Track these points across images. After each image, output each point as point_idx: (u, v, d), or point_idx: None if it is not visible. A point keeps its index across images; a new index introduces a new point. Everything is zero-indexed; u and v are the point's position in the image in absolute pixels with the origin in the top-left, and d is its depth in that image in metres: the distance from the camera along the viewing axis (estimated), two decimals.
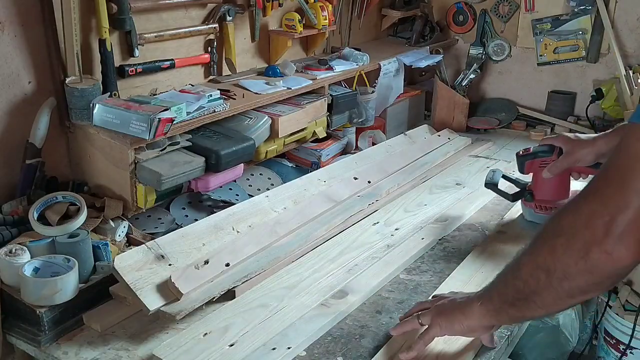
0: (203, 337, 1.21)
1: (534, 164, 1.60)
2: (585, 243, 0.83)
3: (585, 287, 0.88)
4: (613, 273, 0.84)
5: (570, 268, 0.86)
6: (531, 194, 1.62)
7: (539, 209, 1.63)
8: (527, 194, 1.63)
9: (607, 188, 0.82)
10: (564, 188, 1.60)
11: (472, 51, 2.69)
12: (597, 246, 0.82)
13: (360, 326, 1.29)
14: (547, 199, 1.61)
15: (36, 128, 1.47)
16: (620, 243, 0.80)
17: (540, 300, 0.94)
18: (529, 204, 1.66)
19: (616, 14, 2.40)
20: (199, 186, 1.66)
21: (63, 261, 1.27)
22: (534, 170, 1.61)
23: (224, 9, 1.88)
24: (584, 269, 0.84)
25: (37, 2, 1.46)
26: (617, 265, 0.82)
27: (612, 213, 0.80)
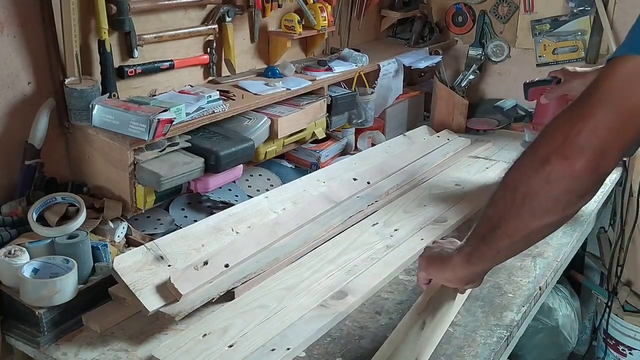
0: (202, 338, 1.21)
1: (537, 91, 1.84)
2: (546, 152, 0.85)
3: (546, 203, 0.88)
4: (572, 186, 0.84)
5: (531, 179, 0.87)
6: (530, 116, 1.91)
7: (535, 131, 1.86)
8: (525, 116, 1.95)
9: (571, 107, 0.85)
10: None
11: (472, 52, 2.69)
12: (556, 153, 0.83)
13: (359, 327, 1.29)
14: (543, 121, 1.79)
15: (35, 129, 1.47)
16: (579, 152, 0.81)
17: (505, 226, 0.95)
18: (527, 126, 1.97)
19: (615, 14, 2.40)
20: (198, 187, 1.66)
21: (62, 262, 1.27)
22: (536, 96, 1.85)
23: (223, 9, 1.88)
24: (543, 179, 0.85)
25: (37, 3, 1.46)
26: (575, 175, 0.83)
27: (573, 121, 0.82)
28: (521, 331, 1.41)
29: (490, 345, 1.24)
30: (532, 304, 1.43)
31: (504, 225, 0.95)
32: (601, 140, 0.81)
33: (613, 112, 0.81)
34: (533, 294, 1.43)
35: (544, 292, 1.50)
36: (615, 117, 0.81)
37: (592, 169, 0.82)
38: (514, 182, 0.91)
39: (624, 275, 2.35)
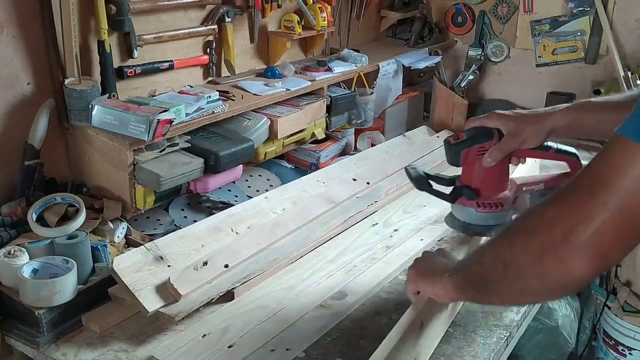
0: (202, 339, 1.21)
1: (471, 152, 1.27)
2: (541, 247, 0.78)
3: (537, 290, 0.84)
4: (565, 283, 0.79)
5: (524, 268, 0.82)
6: (471, 189, 1.29)
7: (482, 207, 1.30)
8: (466, 190, 1.29)
9: (574, 195, 0.76)
10: (505, 178, 1.33)
11: (471, 52, 2.70)
12: (552, 252, 0.77)
13: (359, 327, 1.28)
14: (489, 192, 1.30)
15: (35, 129, 1.47)
16: (577, 255, 0.75)
17: (497, 290, 0.93)
18: (469, 203, 1.31)
19: (615, 15, 2.41)
20: (198, 187, 1.66)
21: (62, 262, 1.27)
22: (470, 160, 1.28)
23: (222, 10, 1.88)
24: (537, 273, 0.80)
25: (36, 4, 1.46)
26: (570, 277, 0.77)
27: (573, 222, 0.74)
28: (521, 331, 1.41)
29: (489, 346, 1.24)
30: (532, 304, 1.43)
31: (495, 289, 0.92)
32: (603, 247, 0.73)
33: (621, 216, 0.72)
34: None
35: None
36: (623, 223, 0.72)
37: (591, 273, 0.77)
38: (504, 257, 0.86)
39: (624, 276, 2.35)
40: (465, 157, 1.27)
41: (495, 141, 1.25)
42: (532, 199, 1.29)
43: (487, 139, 1.25)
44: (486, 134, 1.26)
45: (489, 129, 1.26)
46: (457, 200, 1.32)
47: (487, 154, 1.25)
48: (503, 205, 1.28)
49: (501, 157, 1.25)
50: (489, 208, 1.30)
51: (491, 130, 1.25)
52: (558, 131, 1.21)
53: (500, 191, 1.31)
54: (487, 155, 1.25)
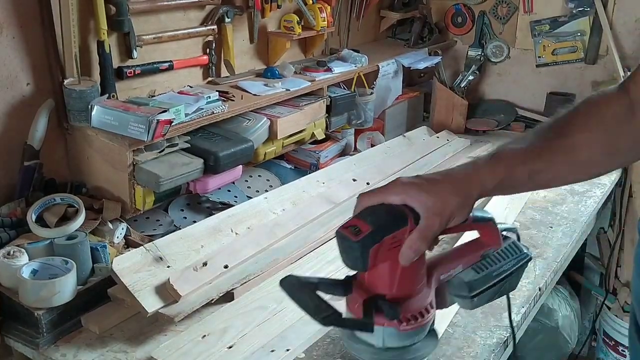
0: (202, 339, 1.21)
1: (382, 247, 0.85)
2: None
3: None
4: None
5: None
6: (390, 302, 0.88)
7: (406, 324, 0.89)
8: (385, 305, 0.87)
9: None
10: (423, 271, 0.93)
11: (471, 53, 2.69)
12: None
13: None
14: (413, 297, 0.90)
15: (34, 130, 1.47)
16: None
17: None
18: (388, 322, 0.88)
19: (614, 15, 2.41)
20: (197, 188, 1.66)
21: (61, 263, 1.27)
22: (382, 258, 0.86)
23: (222, 10, 1.88)
24: None
25: (36, 4, 1.45)
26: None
27: None
28: (521, 332, 1.41)
29: (489, 346, 1.24)
30: (532, 305, 1.43)
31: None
32: None
33: None
34: (533, 294, 1.43)
35: (543, 292, 1.50)
36: None
37: None
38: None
39: (624, 276, 2.35)
40: (375, 256, 0.85)
41: (412, 226, 0.86)
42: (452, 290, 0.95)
43: (400, 225, 0.86)
44: (397, 218, 0.87)
45: (397, 208, 0.87)
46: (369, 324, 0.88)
47: (407, 247, 0.86)
48: (429, 311, 0.91)
49: (426, 247, 0.88)
50: (415, 321, 0.89)
51: (400, 210, 0.87)
52: (485, 196, 0.93)
53: (421, 291, 0.92)
54: (406, 247, 0.86)
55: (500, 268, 0.97)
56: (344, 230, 0.87)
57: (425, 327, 0.92)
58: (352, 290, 0.90)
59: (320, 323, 0.83)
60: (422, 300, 0.91)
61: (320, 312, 0.84)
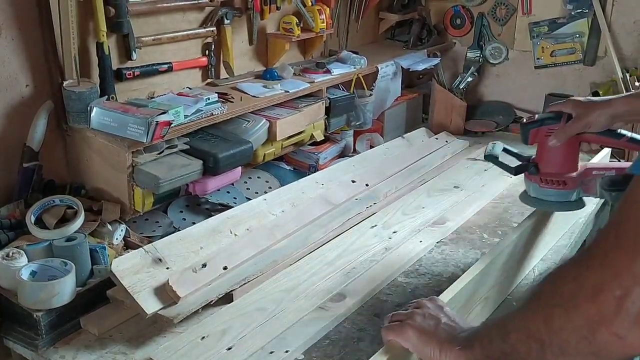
0: (201, 341, 1.21)
1: (540, 132, 1.38)
2: (589, 321, 0.67)
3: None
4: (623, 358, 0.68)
5: (570, 346, 0.71)
6: (536, 166, 1.41)
7: (544, 183, 1.41)
8: (532, 166, 1.41)
9: (617, 254, 0.66)
10: (572, 159, 1.42)
11: (470, 54, 2.70)
12: (606, 327, 0.66)
13: (358, 329, 1.28)
14: (554, 171, 1.40)
15: (34, 131, 1.47)
16: (636, 325, 0.64)
17: None
18: (533, 178, 1.43)
19: (613, 17, 2.41)
20: (196, 189, 1.66)
21: (60, 265, 1.27)
22: (540, 139, 1.40)
23: (221, 12, 1.88)
24: (588, 351, 0.69)
25: (35, 5, 1.46)
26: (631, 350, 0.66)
27: (626, 287, 0.64)
28: None
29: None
30: None
31: None
32: None
33: None
34: None
35: None
36: None
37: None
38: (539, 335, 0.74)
39: None
40: (535, 136, 1.39)
41: (563, 124, 1.34)
42: (601, 183, 1.33)
43: (555, 122, 1.36)
44: (556, 117, 1.36)
45: (561, 113, 1.35)
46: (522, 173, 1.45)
47: (552, 136, 1.35)
48: (566, 184, 1.37)
49: (564, 139, 1.33)
50: (551, 184, 1.40)
51: (561, 114, 1.35)
52: (620, 117, 1.29)
53: (566, 171, 1.39)
54: (552, 136, 1.35)
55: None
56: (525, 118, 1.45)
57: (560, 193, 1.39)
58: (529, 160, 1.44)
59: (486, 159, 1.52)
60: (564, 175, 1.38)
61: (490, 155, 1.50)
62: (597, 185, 1.36)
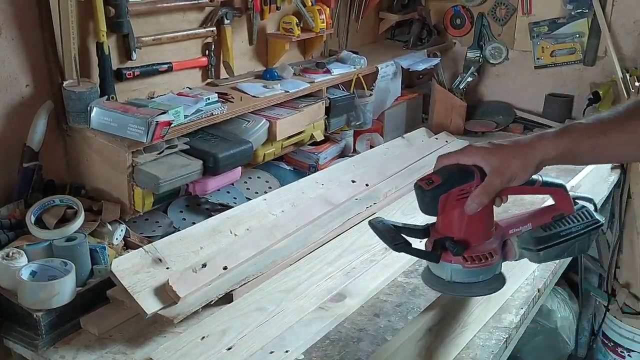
0: (201, 341, 1.21)
1: (450, 197, 1.04)
2: None
3: None
4: None
5: None
6: (456, 242, 1.05)
7: (470, 262, 1.07)
8: (450, 243, 1.05)
9: None
10: (490, 222, 1.11)
11: (470, 54, 2.70)
12: None
13: (358, 329, 1.28)
14: (475, 242, 1.07)
15: (33, 131, 1.47)
16: None
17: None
18: (454, 259, 1.07)
19: (613, 17, 2.41)
20: (196, 189, 1.66)
21: (60, 265, 1.27)
22: (450, 206, 1.04)
23: (221, 12, 1.88)
24: None
25: (35, 6, 1.45)
26: None
27: None
28: (520, 333, 1.41)
29: (488, 347, 1.24)
30: (531, 306, 1.43)
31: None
32: None
33: None
34: (532, 296, 1.43)
35: (542, 294, 1.50)
36: None
37: None
38: None
39: (623, 277, 2.36)
40: (444, 203, 1.04)
41: (477, 181, 1.02)
42: (521, 243, 1.11)
43: (468, 180, 1.03)
44: (465, 174, 1.04)
45: (467, 167, 1.04)
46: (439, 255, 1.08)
47: (471, 199, 1.03)
48: (493, 256, 1.08)
49: (488, 200, 1.03)
50: (478, 262, 1.07)
51: (470, 168, 1.03)
52: (548, 162, 1.03)
53: (487, 239, 1.09)
54: (470, 199, 1.03)
55: (569, 229, 1.10)
56: (420, 182, 1.05)
57: (487, 269, 1.08)
58: (430, 234, 1.09)
59: (393, 249, 1.06)
60: (486, 245, 1.08)
61: (394, 241, 1.06)
62: (515, 246, 1.12)
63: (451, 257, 1.07)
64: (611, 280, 2.39)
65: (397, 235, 1.07)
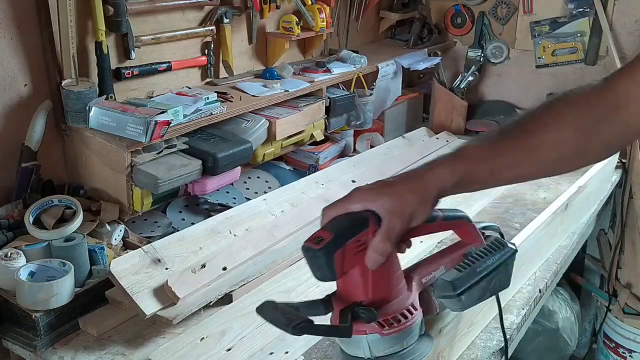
0: (200, 342, 1.21)
1: (347, 253, 0.86)
2: None
3: None
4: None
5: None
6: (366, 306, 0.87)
7: (388, 327, 0.87)
8: (360, 309, 0.86)
9: None
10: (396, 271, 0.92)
11: (471, 53, 2.69)
12: None
13: None
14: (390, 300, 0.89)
15: (32, 131, 1.46)
16: None
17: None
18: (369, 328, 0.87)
19: (614, 16, 2.40)
20: (196, 189, 1.65)
21: (59, 265, 1.27)
22: (348, 264, 0.87)
23: (221, 11, 1.87)
24: None
25: (33, 5, 1.45)
26: None
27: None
28: (521, 334, 1.41)
29: (489, 348, 1.23)
30: (532, 307, 1.43)
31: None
32: None
33: None
34: (533, 296, 1.43)
35: (543, 294, 1.50)
36: None
37: None
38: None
39: (624, 278, 2.35)
40: (341, 262, 0.86)
41: (374, 228, 0.87)
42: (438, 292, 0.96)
43: (362, 228, 0.87)
44: (358, 222, 0.88)
45: (359, 214, 0.89)
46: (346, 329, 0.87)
47: (371, 249, 0.86)
48: (412, 313, 0.90)
49: (390, 248, 0.87)
50: (398, 324, 0.88)
51: (362, 215, 0.88)
52: (446, 192, 0.91)
53: (400, 294, 0.91)
54: (370, 250, 0.86)
55: (484, 264, 0.96)
56: (307, 242, 0.87)
57: (410, 331, 0.89)
58: (333, 306, 0.89)
59: (292, 333, 0.83)
60: (401, 303, 0.90)
61: (291, 322, 0.83)
62: (433, 297, 0.97)
63: (364, 326, 0.87)
64: (613, 280, 2.38)
65: (294, 314, 0.86)
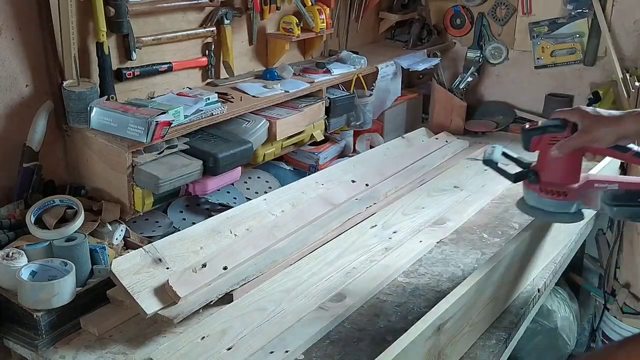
0: (201, 341, 1.21)
1: (542, 140, 1.31)
2: None
3: None
4: None
5: None
6: (536, 174, 1.34)
7: (544, 193, 1.34)
8: (531, 174, 1.34)
9: None
10: (574, 170, 1.34)
11: (470, 54, 2.69)
12: None
13: (358, 329, 1.28)
14: (554, 181, 1.33)
15: (33, 131, 1.47)
16: None
17: None
18: (532, 186, 1.35)
19: (613, 17, 2.41)
20: (196, 189, 1.66)
21: (60, 265, 1.27)
22: (542, 147, 1.33)
23: (221, 12, 1.88)
24: None
25: (35, 5, 1.45)
26: None
27: None
28: (520, 333, 1.41)
29: (488, 347, 1.24)
30: (531, 306, 1.43)
31: None
32: None
33: None
34: (531, 295, 1.43)
35: (542, 294, 1.50)
36: None
37: None
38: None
39: (622, 277, 2.35)
40: (537, 143, 1.32)
41: (567, 134, 1.28)
42: (603, 197, 1.27)
43: (560, 130, 1.29)
44: (560, 126, 1.30)
45: (566, 121, 1.29)
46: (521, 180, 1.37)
47: (555, 146, 1.29)
48: (566, 195, 1.31)
49: (567, 151, 1.28)
50: (551, 195, 1.33)
51: (566, 123, 1.29)
52: (629, 136, 1.23)
53: (567, 182, 1.32)
54: (555, 146, 1.29)
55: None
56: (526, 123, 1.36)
57: (561, 205, 1.32)
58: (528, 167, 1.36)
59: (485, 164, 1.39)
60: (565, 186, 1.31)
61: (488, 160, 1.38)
62: (599, 198, 1.29)
63: (530, 184, 1.35)
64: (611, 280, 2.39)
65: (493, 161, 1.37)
